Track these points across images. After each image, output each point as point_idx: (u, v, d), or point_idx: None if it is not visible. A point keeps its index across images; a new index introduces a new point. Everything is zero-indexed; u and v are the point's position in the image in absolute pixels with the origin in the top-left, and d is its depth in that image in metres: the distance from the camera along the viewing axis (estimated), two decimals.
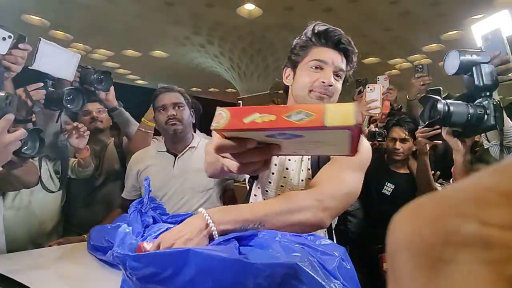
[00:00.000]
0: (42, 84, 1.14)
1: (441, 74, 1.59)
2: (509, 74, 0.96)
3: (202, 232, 0.59)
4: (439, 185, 1.47)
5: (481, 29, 1.54)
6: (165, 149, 1.37)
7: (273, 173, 0.91)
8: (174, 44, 7.08)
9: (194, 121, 1.44)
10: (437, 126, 1.25)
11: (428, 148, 1.41)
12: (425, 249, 0.15)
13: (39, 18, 5.70)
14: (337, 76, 0.85)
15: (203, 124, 1.59)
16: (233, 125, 0.38)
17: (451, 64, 0.99)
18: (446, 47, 6.32)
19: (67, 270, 0.86)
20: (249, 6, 5.41)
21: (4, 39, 0.97)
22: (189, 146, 1.37)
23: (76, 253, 0.99)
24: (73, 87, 1.20)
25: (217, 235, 0.59)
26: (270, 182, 0.90)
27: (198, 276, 0.45)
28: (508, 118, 1.03)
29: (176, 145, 1.37)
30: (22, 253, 1.02)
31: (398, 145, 1.62)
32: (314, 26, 0.87)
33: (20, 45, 1.00)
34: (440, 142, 1.41)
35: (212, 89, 10.44)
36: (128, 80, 9.37)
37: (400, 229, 0.17)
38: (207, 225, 0.59)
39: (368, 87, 1.65)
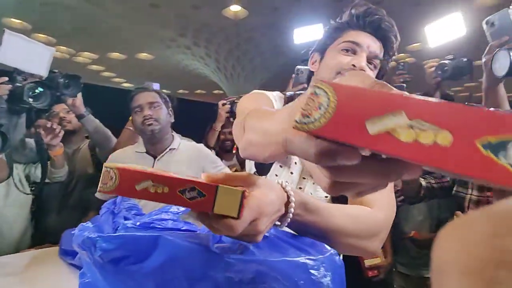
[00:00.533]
0: (6, 78, 1.06)
1: (423, 73, 1.64)
2: None
3: (279, 213, 0.45)
4: (422, 179, 1.46)
5: (433, 30, 1.63)
6: (144, 150, 1.34)
7: (292, 173, 0.77)
8: (160, 46, 7.01)
9: (173, 120, 1.40)
10: None
11: None
12: (476, 270, 0.14)
13: (20, 21, 5.55)
14: (371, 64, 0.73)
15: (188, 126, 1.55)
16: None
17: (502, 64, 0.89)
18: (428, 46, 6.49)
19: (35, 275, 0.83)
20: (235, 8, 5.41)
21: None
22: (169, 147, 1.34)
23: (46, 259, 0.96)
24: (36, 80, 1.10)
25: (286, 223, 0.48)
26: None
27: (167, 263, 0.44)
28: None
29: (154, 146, 1.33)
30: None
31: None
32: (352, 7, 0.75)
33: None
34: None
35: (199, 91, 10.38)
36: (113, 83, 9.23)
37: (448, 247, 0.15)
38: (287, 210, 0.46)
39: None
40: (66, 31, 6.01)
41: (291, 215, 0.46)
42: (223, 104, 1.88)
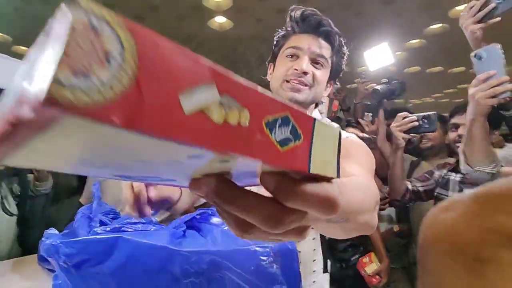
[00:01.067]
0: None
1: (405, 81, 1.69)
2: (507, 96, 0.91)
3: None
4: (409, 182, 1.46)
5: (372, 55, 1.97)
6: None
7: None
8: None
9: None
10: (415, 118, 1.27)
11: (404, 143, 1.35)
12: (461, 247, 0.14)
13: (0, 34, 5.42)
14: (317, 63, 0.75)
15: None
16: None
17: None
18: (409, 55, 6.69)
19: (11, 284, 0.83)
20: (220, 19, 5.47)
21: None
22: None
23: (24, 266, 0.97)
24: None
25: None
26: None
27: (128, 262, 0.47)
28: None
29: None
30: None
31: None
32: (290, 12, 0.79)
33: None
34: (417, 135, 1.49)
35: None
36: None
37: (434, 225, 0.16)
38: None
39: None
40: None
41: None
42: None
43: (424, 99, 10.57)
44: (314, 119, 0.19)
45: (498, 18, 1.07)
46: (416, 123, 1.25)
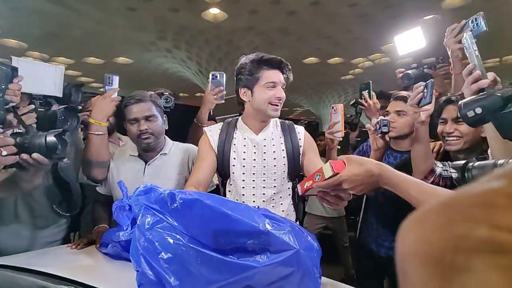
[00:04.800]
0: (33, 106, 1.08)
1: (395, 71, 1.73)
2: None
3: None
4: (440, 165, 1.20)
5: (403, 40, 1.87)
6: (137, 154, 1.38)
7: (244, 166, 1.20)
8: (139, 50, 6.91)
9: (166, 128, 1.40)
10: (421, 89, 1.12)
11: (422, 117, 1.13)
12: (435, 257, 0.14)
13: (15, 41, 5.32)
14: (282, 88, 1.19)
15: (171, 128, 1.54)
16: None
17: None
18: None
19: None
20: (214, 10, 5.43)
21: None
22: (160, 153, 1.37)
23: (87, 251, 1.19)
24: (65, 106, 1.14)
25: None
26: (244, 174, 1.18)
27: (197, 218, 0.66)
28: None
29: (147, 153, 1.37)
30: None
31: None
32: (258, 56, 1.19)
33: (15, 80, 0.99)
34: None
35: (181, 94, 10.28)
36: (92, 88, 8.98)
37: (407, 237, 0.16)
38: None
39: (332, 108, 1.49)
40: (38, 36, 5.81)
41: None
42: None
43: None
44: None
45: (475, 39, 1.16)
46: (421, 95, 1.12)
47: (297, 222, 1.27)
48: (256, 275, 0.62)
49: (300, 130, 1.29)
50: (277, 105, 1.17)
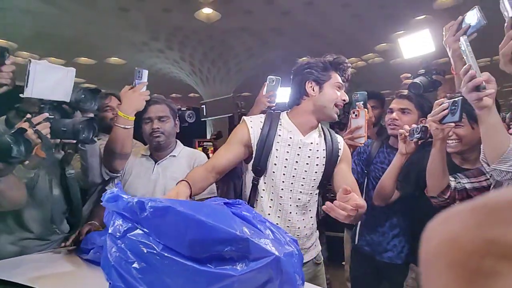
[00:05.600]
0: (47, 115, 1.03)
1: (391, 72, 1.72)
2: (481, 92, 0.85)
3: None
4: (453, 179, 1.19)
5: (406, 42, 1.68)
6: (149, 154, 1.47)
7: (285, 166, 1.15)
8: (131, 50, 6.84)
9: (178, 131, 1.50)
10: (446, 105, 1.06)
11: (441, 134, 1.10)
12: (462, 260, 0.14)
13: (4, 41, 5.23)
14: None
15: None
16: None
17: None
18: (395, 46, 6.77)
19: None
20: (207, 10, 5.40)
21: None
22: (170, 154, 1.46)
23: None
24: (86, 119, 1.09)
25: None
26: (284, 174, 1.14)
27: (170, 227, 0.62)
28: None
29: (158, 152, 1.45)
30: None
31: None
32: (335, 59, 1.18)
33: (7, 61, 0.95)
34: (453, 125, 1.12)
35: (174, 95, 10.22)
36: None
37: (434, 238, 0.16)
38: None
39: (353, 112, 1.45)
40: (28, 36, 5.72)
41: None
42: None
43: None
44: None
45: (475, 34, 1.14)
46: (447, 112, 1.05)
47: (317, 231, 1.29)
48: (234, 284, 0.60)
49: (340, 139, 1.25)
50: (341, 107, 1.16)
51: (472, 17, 1.13)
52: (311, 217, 1.21)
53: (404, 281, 1.44)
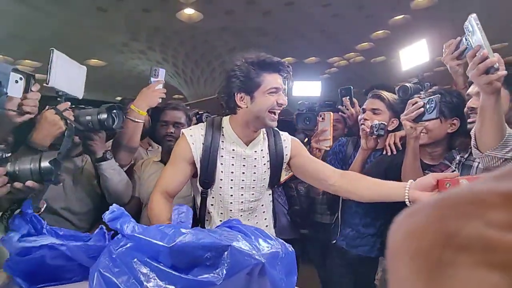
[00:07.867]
0: (69, 103, 1.03)
1: (372, 70, 1.75)
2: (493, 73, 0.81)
3: None
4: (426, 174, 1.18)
5: (408, 54, 1.69)
6: (159, 159, 1.54)
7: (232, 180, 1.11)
8: (111, 52, 6.69)
9: None
10: (421, 104, 1.10)
11: (414, 132, 1.15)
12: (423, 252, 0.14)
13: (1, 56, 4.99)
14: (283, 93, 1.08)
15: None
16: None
17: None
18: (376, 45, 6.93)
19: None
20: (189, 11, 5.34)
21: (16, 81, 0.90)
22: None
23: None
24: (111, 104, 1.13)
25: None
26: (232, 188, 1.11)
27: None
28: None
29: (168, 156, 1.44)
30: None
31: None
32: (259, 59, 1.04)
33: (33, 88, 0.94)
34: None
35: None
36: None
37: (399, 230, 0.16)
38: None
39: (320, 116, 1.46)
40: (2, 38, 5.48)
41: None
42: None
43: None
44: None
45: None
46: (422, 110, 1.09)
47: (275, 228, 1.25)
48: None
49: (285, 137, 1.19)
50: (275, 114, 1.06)
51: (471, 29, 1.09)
52: (265, 218, 1.18)
53: (374, 274, 1.47)
